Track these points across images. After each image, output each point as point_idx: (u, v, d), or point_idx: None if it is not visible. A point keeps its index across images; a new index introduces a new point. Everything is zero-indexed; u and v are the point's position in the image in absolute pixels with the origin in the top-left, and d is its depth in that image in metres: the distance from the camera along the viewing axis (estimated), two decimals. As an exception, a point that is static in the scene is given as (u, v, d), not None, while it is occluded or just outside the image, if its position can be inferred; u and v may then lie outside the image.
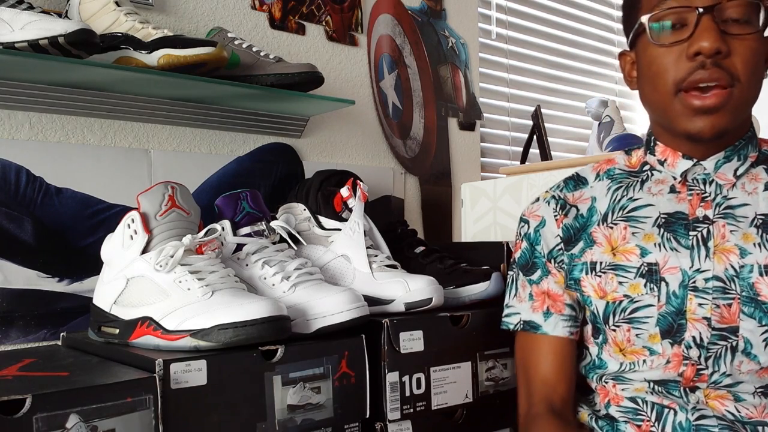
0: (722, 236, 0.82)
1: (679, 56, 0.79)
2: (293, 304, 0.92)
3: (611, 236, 0.89)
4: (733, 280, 0.80)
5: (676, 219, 0.86)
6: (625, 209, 0.90)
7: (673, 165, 0.87)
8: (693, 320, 0.81)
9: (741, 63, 0.78)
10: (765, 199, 0.83)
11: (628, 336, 0.85)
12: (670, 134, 0.87)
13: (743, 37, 0.78)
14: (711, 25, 0.77)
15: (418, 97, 1.68)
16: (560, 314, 0.92)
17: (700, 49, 0.77)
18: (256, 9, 1.38)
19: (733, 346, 0.80)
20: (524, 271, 0.97)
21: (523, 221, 0.98)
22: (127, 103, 1.16)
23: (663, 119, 0.85)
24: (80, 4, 1.07)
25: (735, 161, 0.85)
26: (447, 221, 1.73)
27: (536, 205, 0.98)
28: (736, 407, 0.81)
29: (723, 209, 0.84)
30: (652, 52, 0.83)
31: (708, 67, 0.77)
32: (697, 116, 0.79)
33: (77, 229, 1.12)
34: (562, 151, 2.12)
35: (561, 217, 0.94)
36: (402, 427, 0.97)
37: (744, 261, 0.81)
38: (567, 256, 0.92)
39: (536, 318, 0.94)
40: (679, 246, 0.84)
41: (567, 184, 0.97)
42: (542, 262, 0.95)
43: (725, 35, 0.77)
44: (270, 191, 1.36)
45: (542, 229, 0.95)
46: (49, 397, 0.67)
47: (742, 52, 0.78)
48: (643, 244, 0.86)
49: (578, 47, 2.22)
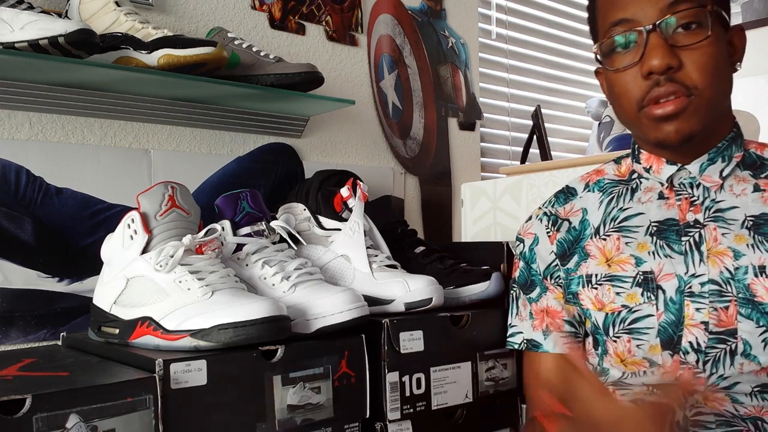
0: (714, 239, 0.83)
1: (635, 76, 0.81)
2: (293, 304, 0.92)
3: (605, 248, 0.90)
4: (729, 283, 0.80)
5: (667, 226, 0.86)
6: (617, 220, 0.90)
7: (658, 171, 0.88)
8: (690, 326, 0.81)
9: (696, 72, 0.78)
10: (754, 201, 0.83)
11: (628, 347, 0.85)
12: (646, 145, 0.89)
13: (694, 46, 0.78)
14: (658, 41, 0.78)
15: (418, 97, 1.68)
16: (559, 331, 0.94)
17: (651, 68, 0.78)
18: (256, 9, 1.38)
19: (732, 349, 0.79)
20: (524, 290, 0.98)
21: (518, 240, 1.00)
22: (127, 103, 1.16)
23: (635, 133, 0.89)
24: (80, 4, 1.07)
25: (719, 162, 0.85)
26: (447, 221, 1.73)
27: (529, 223, 0.99)
28: (734, 407, 0.81)
29: (713, 213, 0.84)
30: (611, 76, 0.85)
31: (662, 83, 0.78)
32: (661, 124, 0.80)
33: (77, 229, 1.12)
34: (562, 151, 2.12)
35: (554, 233, 0.95)
36: (402, 427, 0.97)
37: (738, 263, 0.81)
38: (563, 271, 0.93)
39: (537, 336, 0.96)
40: (672, 252, 0.84)
41: (558, 198, 0.98)
42: (539, 279, 0.96)
43: (675, 48, 0.78)
44: (270, 191, 1.36)
45: (536, 247, 0.96)
46: (49, 397, 0.67)
47: (696, 61, 0.78)
48: (637, 253, 0.86)
49: (578, 47, 2.22)
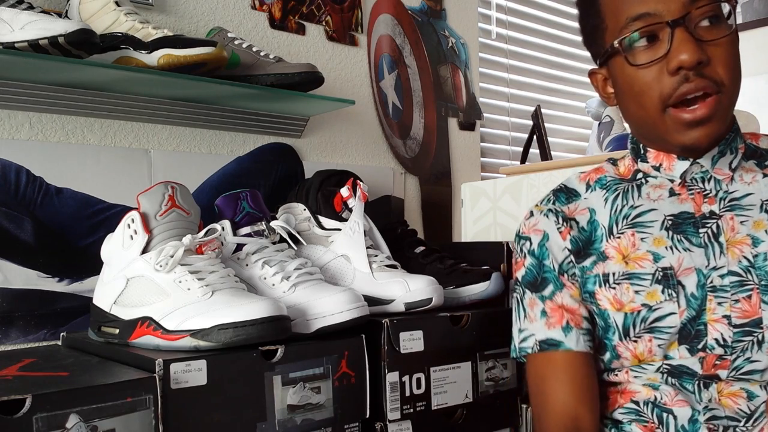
0: (732, 229, 0.81)
1: (659, 72, 0.78)
2: (293, 304, 0.92)
3: (620, 246, 0.86)
4: (749, 271, 0.79)
5: (682, 219, 0.84)
6: (629, 217, 0.87)
7: (670, 168, 0.86)
8: (712, 321, 0.79)
9: (722, 68, 0.77)
10: (767, 186, 0.83)
11: (649, 347, 0.82)
12: (660, 146, 0.86)
13: (718, 41, 0.77)
14: (686, 36, 0.76)
15: (418, 97, 1.68)
16: (579, 328, 0.86)
17: (680, 63, 0.76)
18: (256, 9, 1.38)
19: (759, 340, 0.78)
20: (533, 288, 0.90)
21: (522, 239, 0.92)
22: (127, 103, 1.16)
23: (652, 134, 0.84)
24: (80, 4, 1.07)
25: (728, 155, 0.85)
26: (447, 221, 1.73)
27: (533, 220, 0.92)
28: (748, 406, 0.79)
29: (728, 202, 0.83)
30: (629, 72, 0.81)
31: (692, 79, 0.76)
32: (690, 129, 0.78)
33: (77, 229, 1.12)
34: (562, 151, 2.12)
35: (566, 229, 0.89)
36: (402, 427, 0.97)
37: (757, 250, 0.80)
38: (579, 269, 0.88)
39: (554, 334, 0.86)
40: (691, 245, 0.82)
41: (558, 197, 0.92)
42: (554, 275, 0.88)
43: (701, 43, 0.76)
44: (270, 191, 1.36)
45: (547, 243, 0.89)
46: (49, 397, 0.67)
47: (722, 56, 0.77)
48: (654, 248, 0.83)
49: (578, 47, 2.22)
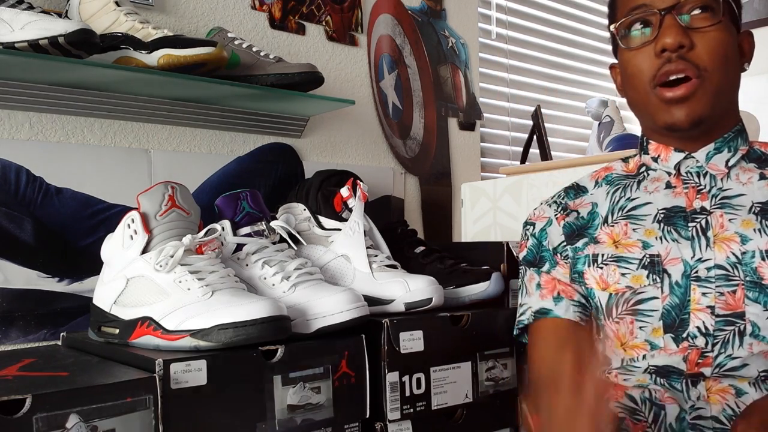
0: (721, 226, 0.85)
1: (649, 55, 0.86)
2: (293, 304, 0.92)
3: (613, 232, 0.92)
4: (736, 267, 0.82)
5: (674, 213, 0.88)
6: (625, 209, 0.93)
7: (666, 159, 0.92)
8: (696, 310, 0.83)
9: (706, 53, 0.83)
10: (760, 189, 0.86)
11: (631, 328, 0.86)
12: (657, 132, 0.91)
13: (706, 29, 0.84)
14: (673, 22, 0.84)
15: (418, 97, 1.68)
16: (571, 299, 0.93)
17: (664, 45, 0.84)
18: (256, 9, 1.38)
19: (740, 330, 0.81)
20: (531, 265, 0.99)
21: (528, 224, 1.01)
22: (127, 103, 1.16)
23: (645, 115, 0.91)
24: (80, 4, 1.07)
25: (726, 152, 0.89)
26: (447, 221, 1.73)
27: (540, 209, 1.01)
28: (736, 402, 0.81)
29: (719, 200, 0.87)
30: (626, 56, 0.90)
31: (674, 60, 0.84)
32: (672, 107, 0.85)
33: (77, 229, 1.12)
34: (562, 151, 2.12)
35: (561, 215, 0.97)
36: (402, 427, 0.97)
37: (745, 247, 0.83)
38: (571, 249, 0.95)
39: (545, 303, 0.94)
40: (679, 237, 0.86)
41: (568, 193, 1.00)
42: (550, 254, 0.97)
43: (689, 30, 0.84)
44: (270, 191, 1.36)
45: (549, 228, 0.98)
46: (49, 397, 0.67)
47: (706, 43, 0.84)
48: (645, 238, 0.88)
49: (578, 47, 2.22)
